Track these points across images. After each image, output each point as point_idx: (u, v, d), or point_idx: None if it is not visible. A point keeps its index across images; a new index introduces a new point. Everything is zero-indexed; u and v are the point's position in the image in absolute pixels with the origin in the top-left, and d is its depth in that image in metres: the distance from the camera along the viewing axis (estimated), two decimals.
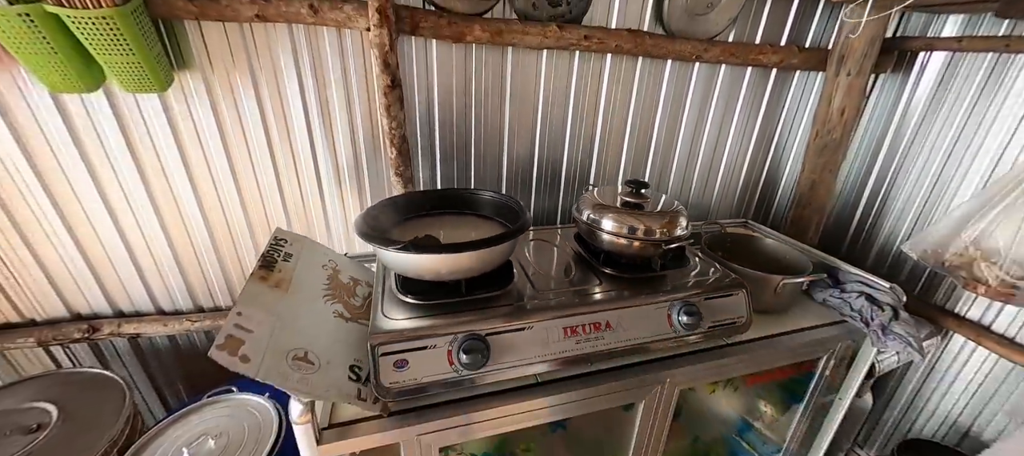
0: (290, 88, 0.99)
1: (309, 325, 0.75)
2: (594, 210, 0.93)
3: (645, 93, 1.26)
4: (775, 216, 1.61)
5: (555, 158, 1.28)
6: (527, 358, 0.76)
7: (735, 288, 0.90)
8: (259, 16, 0.86)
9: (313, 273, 0.88)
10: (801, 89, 1.41)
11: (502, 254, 0.81)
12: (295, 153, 1.06)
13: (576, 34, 1.07)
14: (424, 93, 1.08)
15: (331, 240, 1.18)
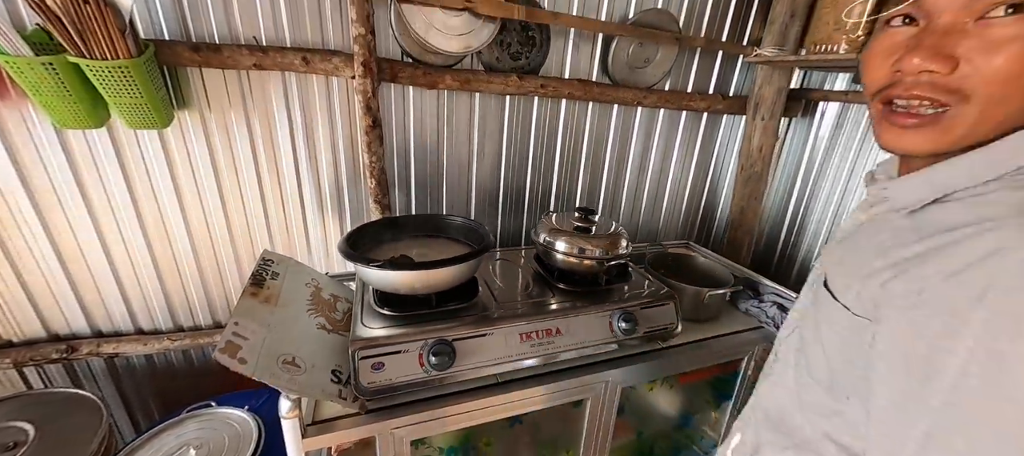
0: (280, 125, 1.11)
1: (296, 335, 0.85)
2: (549, 233, 1.09)
3: (596, 131, 1.45)
4: (715, 238, 1.82)
5: (519, 187, 1.44)
6: (488, 360, 0.89)
7: (667, 299, 1.06)
8: (256, 65, 0.99)
9: (298, 290, 0.98)
10: (729, 129, 1.64)
11: (468, 271, 0.94)
12: (282, 183, 1.17)
13: (534, 83, 1.25)
14: (401, 131, 1.22)
15: (313, 261, 1.27)
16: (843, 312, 0.49)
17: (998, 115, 0.40)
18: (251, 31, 1.01)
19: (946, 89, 0.41)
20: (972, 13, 0.39)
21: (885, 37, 0.46)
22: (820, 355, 0.54)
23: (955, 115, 0.41)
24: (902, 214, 0.48)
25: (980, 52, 0.39)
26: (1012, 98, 0.39)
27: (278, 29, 1.03)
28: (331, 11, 1.05)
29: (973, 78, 0.39)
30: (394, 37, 1.12)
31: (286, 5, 1.02)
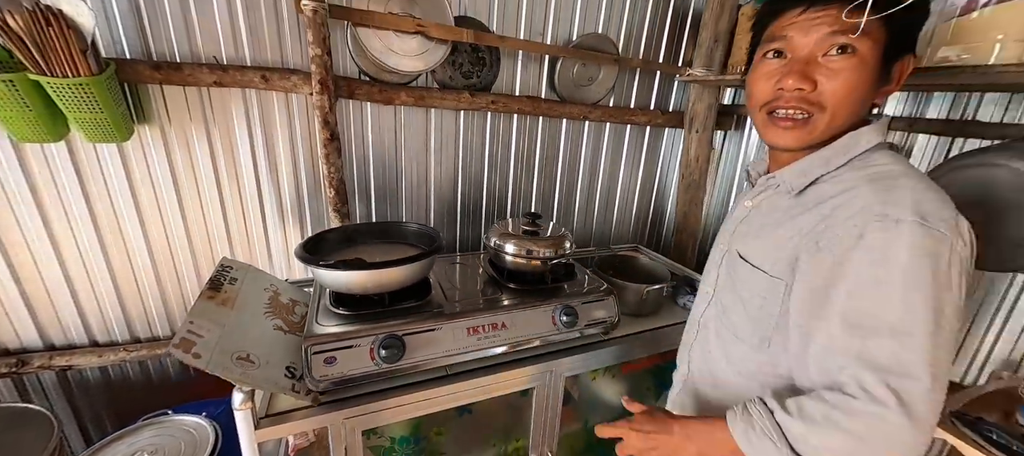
0: (241, 139, 1.17)
1: (252, 334, 0.90)
2: (499, 237, 1.17)
3: (548, 144, 1.56)
4: (664, 241, 1.96)
5: (476, 196, 1.53)
6: (437, 353, 0.96)
7: (607, 294, 1.16)
8: (217, 83, 1.06)
9: (256, 294, 1.03)
10: (671, 141, 1.79)
11: (418, 271, 1.01)
12: (243, 194, 1.22)
13: (485, 99, 1.35)
14: (360, 143, 1.30)
15: (273, 268, 1.31)
16: (762, 275, 0.66)
17: (839, 120, 0.60)
18: (212, 51, 1.07)
19: (810, 102, 0.60)
20: (819, 51, 0.58)
21: (764, 65, 0.64)
22: (742, 315, 0.70)
23: (817, 120, 0.60)
24: (790, 196, 0.66)
25: (827, 77, 0.58)
26: (846, 108, 0.59)
27: (238, 49, 1.10)
28: (290, 32, 1.13)
29: (826, 94, 0.58)
30: (351, 57, 1.21)
31: (246, 27, 1.09)
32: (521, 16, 1.36)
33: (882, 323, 0.52)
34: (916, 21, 0.59)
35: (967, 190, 1.00)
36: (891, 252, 0.52)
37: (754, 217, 0.73)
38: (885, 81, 0.60)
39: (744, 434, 0.57)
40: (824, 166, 0.62)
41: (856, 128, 0.62)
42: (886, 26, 0.56)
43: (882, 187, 0.56)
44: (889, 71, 0.60)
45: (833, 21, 0.56)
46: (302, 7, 1.02)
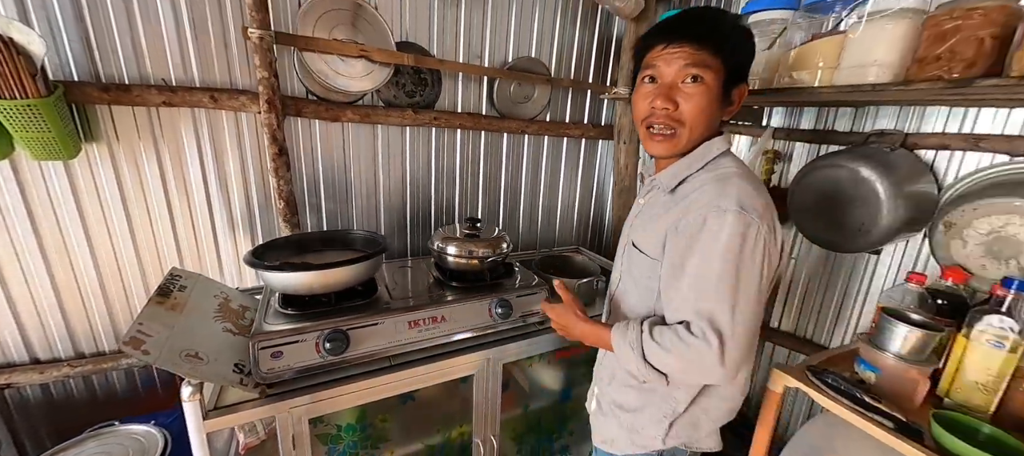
0: (190, 155, 1.23)
1: (201, 336, 0.96)
2: (442, 240, 1.29)
3: (491, 156, 1.70)
4: (604, 241, 2.13)
5: (424, 205, 1.64)
6: (380, 345, 1.05)
7: (539, 288, 1.29)
8: (166, 103, 1.12)
9: (206, 301, 1.09)
10: (605, 151, 1.98)
11: (363, 271, 1.09)
12: (192, 208, 1.27)
13: (428, 116, 1.48)
14: (309, 157, 1.38)
15: (224, 278, 1.36)
16: (645, 259, 0.84)
17: (696, 133, 0.78)
18: (161, 73, 1.14)
19: (674, 119, 0.77)
20: (678, 79, 0.75)
21: (642, 88, 0.81)
22: (635, 293, 0.89)
23: (680, 133, 0.78)
24: (665, 193, 0.83)
25: (685, 100, 0.75)
26: (700, 124, 0.77)
27: (187, 70, 1.17)
28: (238, 55, 1.22)
29: (685, 113, 0.75)
30: (298, 78, 1.30)
31: (195, 50, 1.16)
32: (459, 41, 1.50)
33: (710, 285, 0.70)
34: (746, 59, 0.78)
35: (824, 186, 1.22)
36: (720, 233, 0.69)
37: (644, 212, 0.90)
38: (727, 103, 0.78)
39: (619, 340, 0.79)
40: (688, 169, 0.80)
41: (709, 140, 0.80)
42: (723, 62, 0.73)
43: (720, 185, 0.73)
44: (729, 96, 0.78)
45: (687, 56, 0.72)
46: (249, 34, 1.12)
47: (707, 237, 0.70)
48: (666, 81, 0.75)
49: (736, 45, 0.75)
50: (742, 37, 0.76)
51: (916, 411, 0.90)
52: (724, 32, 0.73)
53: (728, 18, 0.75)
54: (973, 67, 0.79)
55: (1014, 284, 0.84)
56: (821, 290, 1.50)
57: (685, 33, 0.73)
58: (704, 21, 0.74)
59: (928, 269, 1.18)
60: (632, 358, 0.76)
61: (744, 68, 0.78)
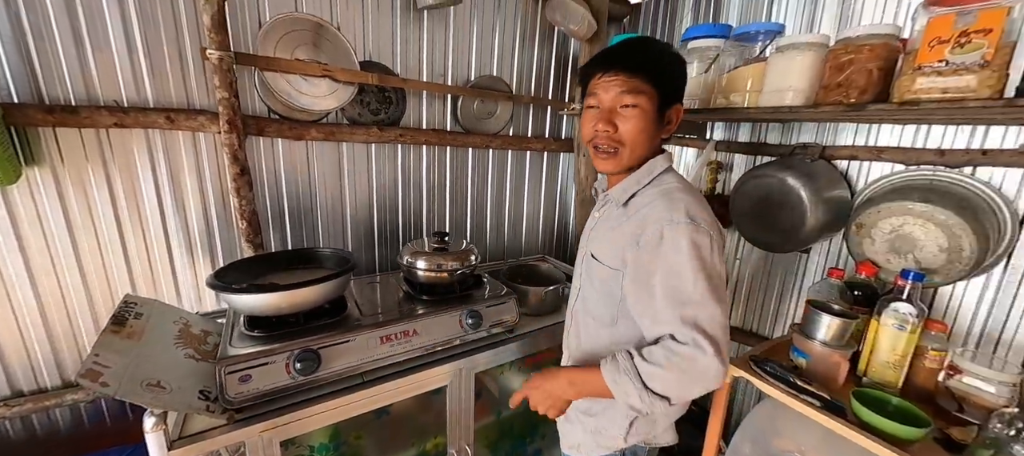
0: (144, 177, 1.19)
1: (162, 363, 0.93)
2: (411, 255, 1.31)
3: (457, 170, 1.75)
4: (568, 250, 2.22)
5: (392, 220, 1.65)
6: (352, 362, 1.06)
7: (508, 297, 1.34)
8: (118, 124, 1.09)
9: (165, 327, 1.06)
10: (567, 163, 2.08)
11: (332, 290, 1.10)
12: (146, 232, 1.23)
13: (393, 133, 1.51)
14: (273, 177, 1.37)
15: (182, 303, 1.31)
16: (605, 269, 0.88)
17: (638, 151, 0.85)
18: (112, 94, 1.10)
19: (615, 140, 0.84)
20: (616, 104, 0.82)
21: (587, 113, 0.89)
22: (596, 301, 0.93)
23: (622, 152, 0.84)
24: (617, 207, 0.89)
25: (623, 122, 0.82)
26: (640, 143, 0.83)
27: (140, 91, 1.14)
28: (195, 75, 1.20)
29: (624, 134, 0.83)
30: (259, 97, 1.30)
31: (148, 71, 1.14)
32: (423, 60, 1.55)
33: (685, 292, 0.75)
34: (677, 82, 0.85)
35: (759, 193, 1.36)
36: (679, 242, 0.75)
37: (600, 225, 0.96)
38: (664, 123, 0.85)
39: (611, 376, 0.78)
40: (636, 184, 0.86)
41: (653, 157, 0.87)
42: (655, 87, 0.80)
43: (668, 200, 0.80)
44: (665, 116, 0.84)
45: (621, 84, 0.80)
46: (207, 55, 1.11)
47: (668, 249, 0.76)
48: (606, 106, 0.82)
49: (666, 71, 0.82)
50: (672, 63, 0.83)
51: (840, 390, 1.02)
52: (654, 60, 0.80)
53: (657, 47, 0.83)
54: (865, 93, 0.93)
55: (911, 275, 0.99)
56: (762, 287, 1.65)
57: (619, 63, 0.80)
58: (635, 51, 0.81)
59: (846, 265, 1.34)
60: (632, 389, 0.75)
61: (676, 90, 0.85)
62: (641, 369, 0.75)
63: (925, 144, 1.18)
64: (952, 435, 0.88)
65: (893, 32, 0.92)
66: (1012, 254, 1.07)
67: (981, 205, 1.06)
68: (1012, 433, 0.71)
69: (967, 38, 0.75)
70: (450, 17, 1.57)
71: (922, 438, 0.85)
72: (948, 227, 1.03)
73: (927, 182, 1.14)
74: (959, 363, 0.94)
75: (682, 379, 0.74)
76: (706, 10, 1.70)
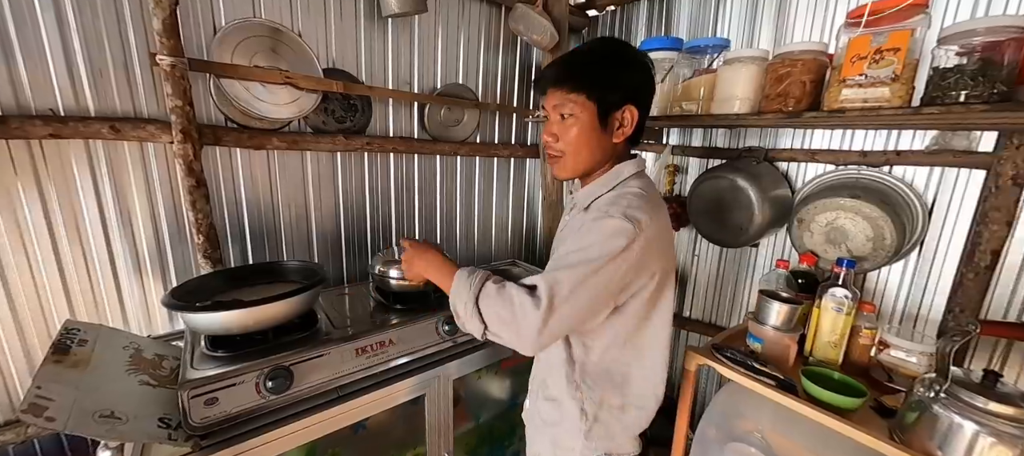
0: (84, 191, 1.09)
1: (114, 392, 0.86)
2: (383, 264, 1.29)
3: (425, 177, 1.74)
4: (537, 253, 2.27)
5: (360, 229, 1.62)
6: (327, 377, 1.03)
7: None
8: (53, 135, 1.00)
9: (113, 354, 0.97)
10: (533, 169, 2.12)
11: (300, 304, 1.06)
12: (86, 251, 1.13)
13: (360, 141, 1.48)
14: (231, 188, 1.30)
15: (129, 327, 1.21)
16: None
17: (582, 157, 0.85)
18: (46, 103, 1.01)
19: (557, 149, 0.86)
20: (554, 116, 0.85)
21: (543, 125, 0.89)
22: None
23: (565, 159, 0.87)
24: (581, 211, 0.89)
25: (560, 131, 0.85)
26: (581, 152, 0.85)
27: (80, 100, 1.05)
28: (143, 82, 1.12)
29: (563, 144, 0.85)
30: (215, 105, 1.23)
31: (89, 78, 1.05)
32: (388, 68, 1.54)
33: (568, 260, 0.76)
34: (620, 86, 0.81)
35: (712, 194, 1.46)
36: (597, 226, 0.76)
37: (565, 229, 0.96)
38: (608, 127, 0.83)
39: (459, 279, 0.84)
40: (601, 188, 0.86)
41: (617, 162, 0.87)
42: (588, 95, 0.80)
43: (616, 198, 0.81)
44: (608, 121, 0.82)
45: (554, 97, 0.83)
46: (158, 61, 1.04)
47: (585, 229, 0.78)
48: (550, 118, 0.86)
49: (596, 78, 0.80)
50: (610, 68, 0.81)
51: (790, 369, 1.13)
52: (578, 72, 0.81)
53: (593, 55, 0.83)
54: (800, 103, 1.04)
55: (845, 263, 1.11)
56: (719, 281, 1.77)
57: (547, 79, 0.84)
58: (560, 66, 0.83)
59: (790, 255, 1.48)
60: (464, 294, 0.80)
61: (622, 94, 0.82)
62: (484, 287, 0.80)
63: (850, 146, 1.33)
64: (884, 403, 1.00)
65: (821, 48, 1.04)
66: (924, 242, 1.23)
67: (898, 199, 1.21)
68: (931, 394, 0.82)
69: (881, 55, 0.86)
70: (415, 25, 1.57)
71: (860, 407, 0.96)
72: (873, 219, 1.16)
73: (854, 180, 1.29)
74: (887, 338, 1.07)
75: (502, 320, 0.76)
76: (658, 24, 1.82)
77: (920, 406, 0.85)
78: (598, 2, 2.01)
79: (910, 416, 0.87)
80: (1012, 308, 1.13)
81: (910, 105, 0.88)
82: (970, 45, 0.81)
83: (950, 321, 1.17)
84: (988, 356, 1.18)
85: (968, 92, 0.79)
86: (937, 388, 0.83)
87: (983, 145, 1.13)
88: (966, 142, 1.13)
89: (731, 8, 1.54)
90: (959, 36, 0.82)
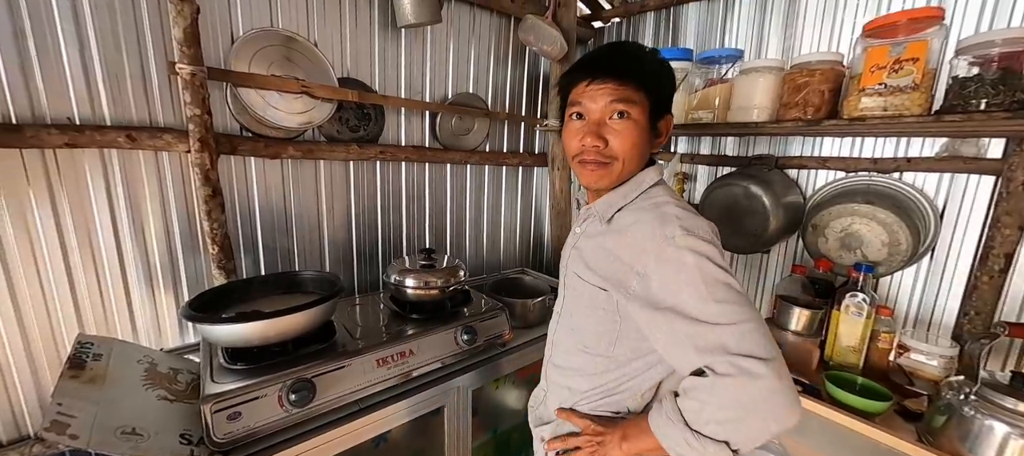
0: (98, 201, 1.07)
1: (133, 408, 0.83)
2: (399, 273, 1.28)
3: (436, 185, 1.74)
4: (545, 261, 2.26)
5: (371, 239, 1.60)
6: (349, 389, 1.01)
7: (499, 311, 1.34)
8: (69, 144, 0.98)
9: (128, 368, 0.95)
10: (541, 177, 2.13)
11: (320, 315, 1.04)
12: (98, 263, 1.10)
13: (373, 150, 1.48)
14: (245, 198, 1.28)
15: (139, 340, 1.18)
16: (587, 285, 0.78)
17: (630, 166, 0.75)
18: (63, 112, 0.99)
19: (606, 154, 0.73)
20: (605, 115, 0.72)
21: (570, 125, 0.78)
22: (586, 322, 0.81)
23: (614, 166, 0.74)
24: (601, 223, 0.79)
25: (614, 136, 0.72)
26: (632, 157, 0.74)
27: (96, 109, 1.03)
28: (159, 91, 1.10)
29: (615, 148, 0.72)
30: (231, 114, 1.22)
31: (106, 86, 1.03)
32: (401, 78, 1.54)
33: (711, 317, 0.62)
34: (668, 91, 0.77)
35: (726, 201, 1.48)
36: (683, 261, 0.64)
37: (581, 241, 0.84)
38: (656, 134, 0.77)
39: (656, 422, 0.68)
40: (623, 200, 0.76)
41: (642, 170, 0.78)
42: (647, 96, 0.72)
43: (659, 217, 0.70)
44: (656, 127, 0.76)
45: (611, 92, 0.70)
46: (178, 69, 1.03)
47: (672, 271, 0.65)
48: (593, 118, 0.73)
49: (658, 78, 0.74)
50: (663, 70, 0.75)
51: (812, 375, 1.13)
52: (646, 66, 0.72)
53: (648, 53, 0.75)
54: (819, 111, 1.06)
55: (863, 268, 1.12)
56: None
57: (608, 69, 0.71)
58: (627, 56, 0.73)
59: (802, 261, 1.50)
60: (676, 435, 0.65)
61: (668, 100, 0.77)
62: (684, 408, 0.65)
63: (861, 153, 1.36)
64: (908, 406, 1.00)
65: (838, 59, 1.07)
66: (935, 246, 1.26)
67: (910, 204, 1.23)
68: (961, 397, 0.83)
69: (900, 65, 0.89)
70: (428, 36, 1.58)
71: (886, 411, 0.96)
72: (887, 224, 1.18)
73: (866, 186, 1.31)
74: (907, 342, 1.08)
75: (738, 414, 0.60)
76: (666, 35, 1.85)
77: (949, 409, 0.86)
78: (604, 14, 2.04)
79: (938, 419, 0.88)
80: None
81: (930, 113, 0.90)
82: (987, 56, 0.83)
83: (965, 324, 1.19)
84: (1003, 359, 1.20)
85: (988, 100, 0.82)
86: (967, 390, 0.83)
87: (992, 152, 1.16)
88: (975, 149, 1.16)
89: (739, 19, 1.58)
90: (977, 47, 0.85)
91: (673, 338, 0.66)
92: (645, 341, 0.73)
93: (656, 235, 0.68)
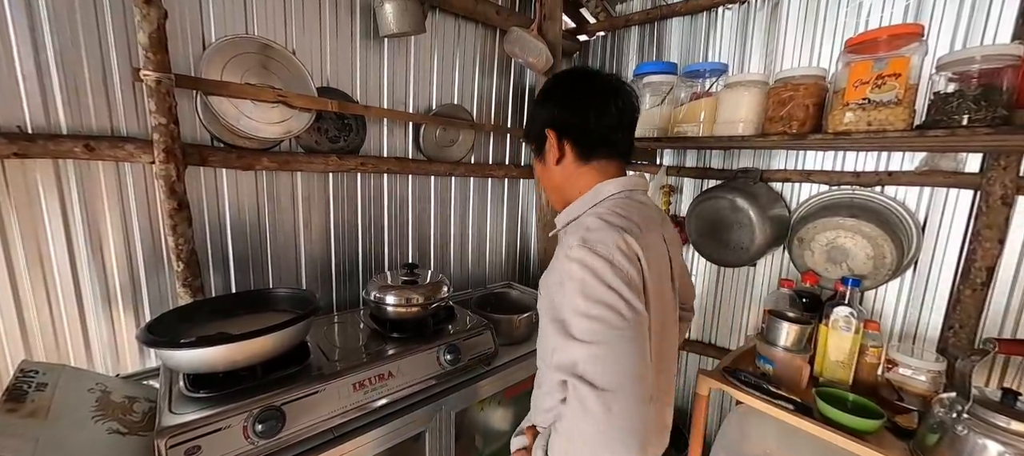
0: (50, 216, 0.99)
1: (78, 443, 0.76)
2: (379, 290, 1.22)
3: (419, 198, 1.69)
4: (532, 275, 2.22)
5: (351, 254, 1.54)
6: (322, 416, 0.94)
7: (484, 329, 1.29)
8: (19, 154, 0.90)
9: (78, 398, 0.87)
10: (528, 189, 2.10)
11: (292, 336, 0.98)
12: (48, 282, 1.01)
13: (354, 161, 1.43)
14: (214, 211, 1.22)
15: (94, 365, 1.09)
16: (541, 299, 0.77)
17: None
18: (13, 119, 0.92)
19: None
20: None
21: None
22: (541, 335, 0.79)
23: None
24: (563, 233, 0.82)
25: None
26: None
27: (51, 116, 0.96)
28: (122, 98, 1.04)
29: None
30: (201, 123, 1.16)
31: (62, 93, 0.97)
32: (383, 88, 1.50)
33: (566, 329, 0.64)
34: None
35: (712, 214, 1.47)
36: (567, 273, 0.65)
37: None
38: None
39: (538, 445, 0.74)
40: (578, 210, 0.78)
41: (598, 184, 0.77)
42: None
43: (578, 226, 0.71)
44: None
45: None
46: (142, 76, 0.97)
47: (554, 285, 0.68)
48: None
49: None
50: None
51: (803, 392, 1.11)
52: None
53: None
54: (804, 125, 1.07)
55: (849, 281, 1.11)
56: (718, 300, 1.77)
57: None
58: None
59: (788, 274, 1.49)
60: None
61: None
62: (550, 444, 0.69)
63: (843, 167, 1.37)
64: (898, 423, 0.99)
65: (822, 74, 1.07)
66: (918, 260, 1.26)
67: (893, 218, 1.24)
68: (954, 415, 0.82)
69: (883, 80, 0.89)
70: (411, 46, 1.55)
71: (878, 429, 0.95)
72: (872, 238, 1.18)
73: (849, 200, 1.32)
74: (895, 357, 1.07)
75: (573, 437, 0.61)
76: (650, 49, 1.86)
77: (941, 427, 0.84)
78: (589, 28, 2.05)
79: (931, 437, 0.86)
80: (1007, 323, 1.16)
81: (913, 127, 0.90)
82: (967, 72, 0.84)
83: (950, 337, 1.19)
84: (986, 372, 1.20)
85: (970, 116, 0.82)
86: (959, 408, 0.82)
87: (969, 166, 1.17)
88: (953, 163, 1.18)
89: (722, 34, 1.59)
90: (956, 64, 0.86)
91: (545, 348, 0.71)
92: None
93: (563, 246, 0.70)
